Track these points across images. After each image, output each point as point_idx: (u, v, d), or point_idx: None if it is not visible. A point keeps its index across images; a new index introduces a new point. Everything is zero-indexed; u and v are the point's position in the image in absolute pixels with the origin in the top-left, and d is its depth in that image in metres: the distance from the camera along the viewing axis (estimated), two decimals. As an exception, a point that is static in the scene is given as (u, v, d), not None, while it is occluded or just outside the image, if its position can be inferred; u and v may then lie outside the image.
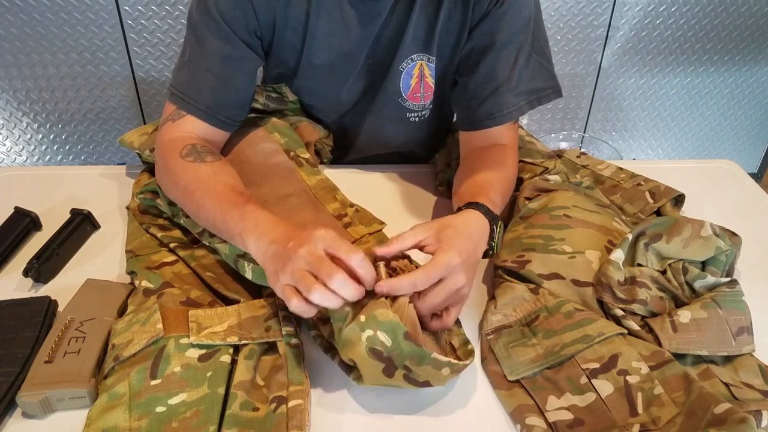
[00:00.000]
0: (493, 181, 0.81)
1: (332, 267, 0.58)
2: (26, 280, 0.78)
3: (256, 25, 0.83)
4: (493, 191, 0.78)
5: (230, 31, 0.80)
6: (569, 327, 0.66)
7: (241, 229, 0.67)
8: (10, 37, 1.68)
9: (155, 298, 0.69)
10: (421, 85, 0.91)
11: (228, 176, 0.76)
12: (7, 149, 1.90)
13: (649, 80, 2.02)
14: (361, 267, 0.60)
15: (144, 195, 0.85)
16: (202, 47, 0.81)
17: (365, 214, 0.86)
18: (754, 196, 0.98)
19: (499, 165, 0.85)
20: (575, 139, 2.08)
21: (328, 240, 0.60)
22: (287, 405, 0.60)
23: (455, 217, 0.71)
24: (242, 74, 0.85)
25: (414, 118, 0.96)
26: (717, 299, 0.68)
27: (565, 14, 1.85)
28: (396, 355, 0.58)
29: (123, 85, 1.81)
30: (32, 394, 0.60)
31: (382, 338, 0.58)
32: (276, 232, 0.65)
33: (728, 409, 0.55)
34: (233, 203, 0.70)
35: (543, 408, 0.61)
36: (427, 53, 0.88)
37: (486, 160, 0.85)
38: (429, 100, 0.94)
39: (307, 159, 0.90)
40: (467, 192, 0.79)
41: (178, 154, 0.78)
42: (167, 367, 0.62)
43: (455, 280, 0.63)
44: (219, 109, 0.83)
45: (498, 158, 0.86)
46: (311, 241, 0.60)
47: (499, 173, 0.83)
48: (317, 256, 0.59)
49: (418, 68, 0.89)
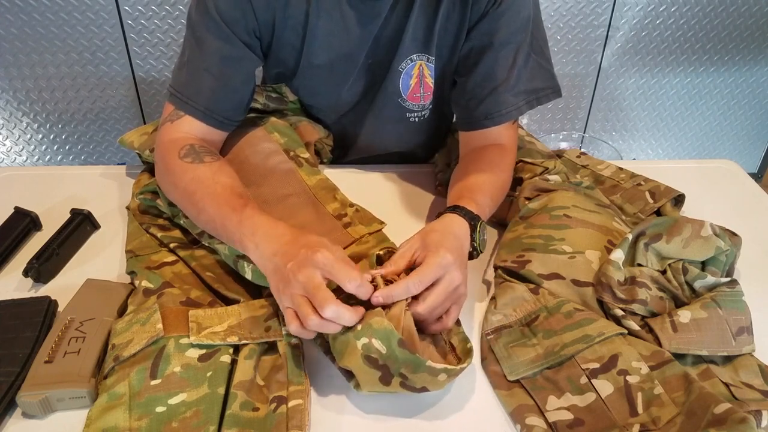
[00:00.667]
0: (484, 184, 0.81)
1: (326, 297, 0.58)
2: (26, 280, 0.78)
3: (256, 25, 0.83)
4: (481, 194, 0.78)
5: (230, 32, 0.80)
6: (569, 327, 0.66)
7: (240, 235, 0.68)
8: (10, 37, 1.68)
9: (155, 298, 0.69)
10: (421, 85, 0.91)
11: (226, 176, 0.76)
12: (7, 149, 1.90)
13: (649, 80, 2.02)
14: (358, 291, 0.60)
15: (144, 195, 0.85)
16: (201, 48, 0.81)
17: (365, 213, 0.86)
18: (754, 196, 0.98)
19: (493, 167, 0.84)
20: (575, 139, 2.08)
21: (327, 265, 0.60)
22: (287, 405, 0.60)
23: (436, 223, 0.72)
24: (241, 74, 0.85)
25: (414, 118, 0.96)
26: (717, 299, 0.68)
27: (565, 14, 1.85)
28: (391, 363, 0.58)
29: (123, 85, 1.81)
30: (32, 394, 0.60)
31: (377, 346, 0.58)
32: (277, 244, 0.65)
33: (728, 409, 0.55)
34: (232, 207, 0.70)
35: (543, 408, 0.61)
36: (426, 53, 0.88)
37: (480, 162, 0.85)
38: (429, 100, 0.94)
39: (307, 159, 0.90)
40: (455, 194, 0.79)
41: (176, 155, 0.78)
42: (167, 367, 0.62)
43: (451, 277, 0.63)
44: (218, 110, 0.83)
45: (493, 159, 0.86)
46: (309, 264, 0.60)
47: (491, 176, 0.83)
48: (314, 283, 0.59)
49: (417, 68, 0.89)
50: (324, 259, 0.60)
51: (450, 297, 0.64)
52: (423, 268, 0.63)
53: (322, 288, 0.59)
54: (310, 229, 0.80)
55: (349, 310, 0.59)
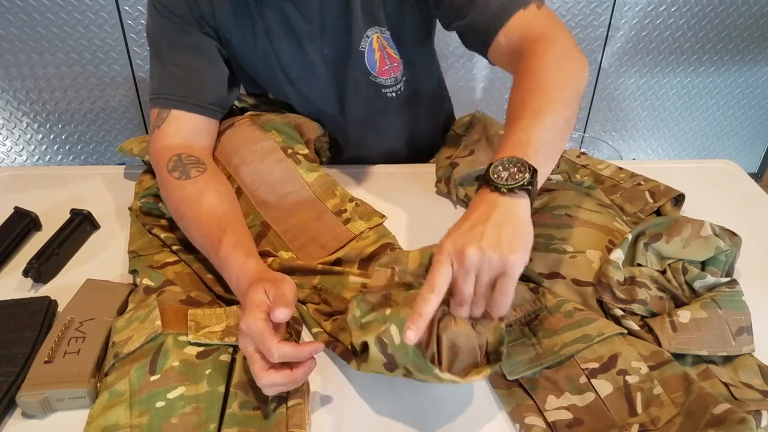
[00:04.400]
0: (518, 110, 0.65)
1: (255, 372, 0.57)
2: (26, 280, 0.78)
3: (200, 14, 0.84)
4: (515, 122, 0.64)
5: (180, 21, 0.83)
6: (569, 326, 0.66)
7: (221, 271, 0.70)
8: (10, 37, 1.68)
9: (155, 296, 0.69)
10: (386, 56, 0.90)
11: (212, 194, 0.76)
12: (7, 149, 1.90)
13: (649, 80, 2.02)
14: (281, 359, 0.57)
15: (146, 199, 0.85)
16: (163, 50, 0.84)
17: (365, 207, 0.86)
18: (754, 196, 0.98)
19: (526, 78, 0.68)
20: (575, 139, 2.08)
21: (255, 338, 0.57)
22: (287, 404, 0.60)
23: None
24: (207, 57, 0.86)
25: (391, 93, 0.95)
26: (717, 299, 0.68)
27: (565, 14, 1.85)
28: (400, 356, 0.57)
29: (123, 85, 1.81)
30: (32, 394, 0.60)
31: (392, 332, 0.56)
32: (239, 294, 0.65)
33: (727, 410, 0.55)
34: (211, 244, 0.71)
35: (542, 407, 0.61)
36: (378, 25, 0.87)
37: (516, 86, 0.70)
38: (398, 71, 0.93)
39: (306, 155, 0.90)
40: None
41: (165, 168, 0.79)
42: (166, 362, 0.62)
43: (462, 261, 0.55)
44: (195, 96, 0.84)
45: (524, 68, 0.70)
46: (242, 334, 0.59)
47: (526, 89, 0.67)
48: (247, 354, 0.58)
49: (376, 42, 0.88)
50: (246, 328, 0.58)
51: (482, 278, 0.56)
52: (428, 275, 0.57)
53: (255, 361, 0.58)
54: (309, 227, 0.80)
55: (279, 374, 0.57)
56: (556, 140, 0.64)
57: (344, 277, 0.73)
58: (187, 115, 0.83)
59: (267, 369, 0.57)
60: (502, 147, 0.62)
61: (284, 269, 0.74)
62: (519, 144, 0.61)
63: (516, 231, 0.56)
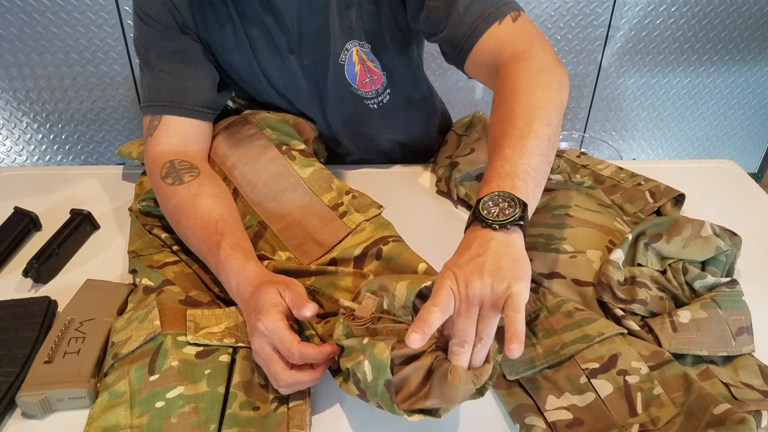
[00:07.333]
0: (500, 137, 0.64)
1: (277, 372, 0.58)
2: (26, 280, 0.78)
3: (183, 21, 0.84)
4: (499, 151, 0.62)
5: (164, 28, 0.83)
6: (569, 326, 0.66)
7: (219, 275, 0.70)
8: (10, 37, 1.68)
9: (155, 295, 0.69)
10: (366, 69, 0.90)
11: (206, 198, 0.76)
12: (7, 149, 1.90)
13: (649, 80, 2.02)
14: (301, 360, 0.58)
15: (147, 203, 0.85)
16: (151, 59, 0.84)
17: (363, 199, 0.84)
18: (754, 196, 0.98)
19: (504, 101, 0.67)
20: (575, 139, 2.08)
21: (275, 339, 0.58)
22: (288, 405, 0.60)
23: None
24: (193, 61, 0.86)
25: (373, 105, 0.94)
26: (717, 299, 0.68)
27: (565, 14, 1.85)
28: (370, 393, 0.56)
29: (123, 85, 1.81)
30: (32, 394, 0.60)
31: (366, 369, 0.55)
32: (241, 298, 0.66)
33: (727, 410, 0.55)
34: (209, 247, 0.71)
35: (542, 408, 0.61)
36: (357, 39, 0.87)
37: (495, 110, 0.69)
38: (380, 84, 0.92)
39: (302, 150, 0.89)
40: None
41: (159, 176, 0.79)
42: (165, 362, 0.62)
43: (465, 290, 0.53)
44: (185, 100, 0.84)
45: (502, 90, 0.68)
46: (258, 335, 0.60)
47: (506, 115, 0.65)
48: (265, 355, 0.59)
49: (356, 55, 0.88)
50: (268, 329, 0.59)
51: (486, 311, 0.53)
52: (427, 302, 0.53)
53: (273, 360, 0.59)
54: (305, 224, 0.79)
55: (299, 375, 0.59)
56: (542, 163, 0.63)
57: (337, 276, 0.73)
58: (178, 120, 0.83)
59: (289, 369, 0.59)
60: (488, 179, 0.60)
61: (278, 272, 0.74)
62: (506, 176, 0.60)
63: (515, 262, 0.55)
